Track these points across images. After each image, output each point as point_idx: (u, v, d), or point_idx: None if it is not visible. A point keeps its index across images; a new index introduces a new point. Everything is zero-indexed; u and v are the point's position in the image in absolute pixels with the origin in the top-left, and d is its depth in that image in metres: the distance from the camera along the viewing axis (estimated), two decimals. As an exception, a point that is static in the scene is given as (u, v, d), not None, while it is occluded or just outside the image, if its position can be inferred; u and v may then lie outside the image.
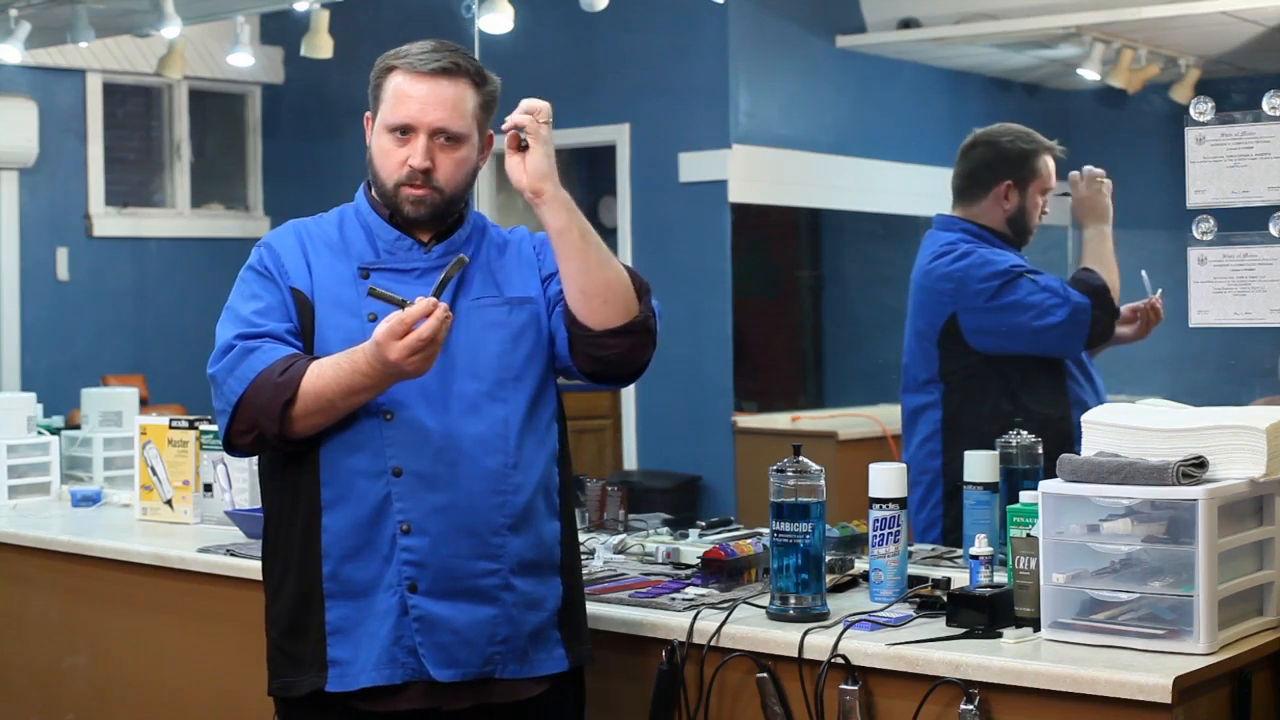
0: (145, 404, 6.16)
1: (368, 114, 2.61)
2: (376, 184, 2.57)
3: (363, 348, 2.39)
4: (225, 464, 3.83)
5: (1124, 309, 3.86)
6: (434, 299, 2.35)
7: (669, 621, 2.70)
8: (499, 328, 2.54)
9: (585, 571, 2.88)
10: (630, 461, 6.97)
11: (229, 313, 2.57)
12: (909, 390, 3.82)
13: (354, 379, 2.41)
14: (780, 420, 6.98)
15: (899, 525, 2.73)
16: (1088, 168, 3.82)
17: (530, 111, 2.48)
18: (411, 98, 2.51)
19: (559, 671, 2.56)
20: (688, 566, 3.09)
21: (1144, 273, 3.86)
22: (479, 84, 2.56)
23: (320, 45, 5.94)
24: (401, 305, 2.35)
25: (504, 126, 2.50)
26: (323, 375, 2.43)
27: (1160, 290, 3.82)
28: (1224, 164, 2.82)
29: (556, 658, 2.55)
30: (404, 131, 2.51)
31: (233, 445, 2.53)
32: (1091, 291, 3.63)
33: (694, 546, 3.14)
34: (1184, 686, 2.21)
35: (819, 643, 2.50)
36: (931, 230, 3.83)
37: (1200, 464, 2.39)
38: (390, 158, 2.53)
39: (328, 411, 2.44)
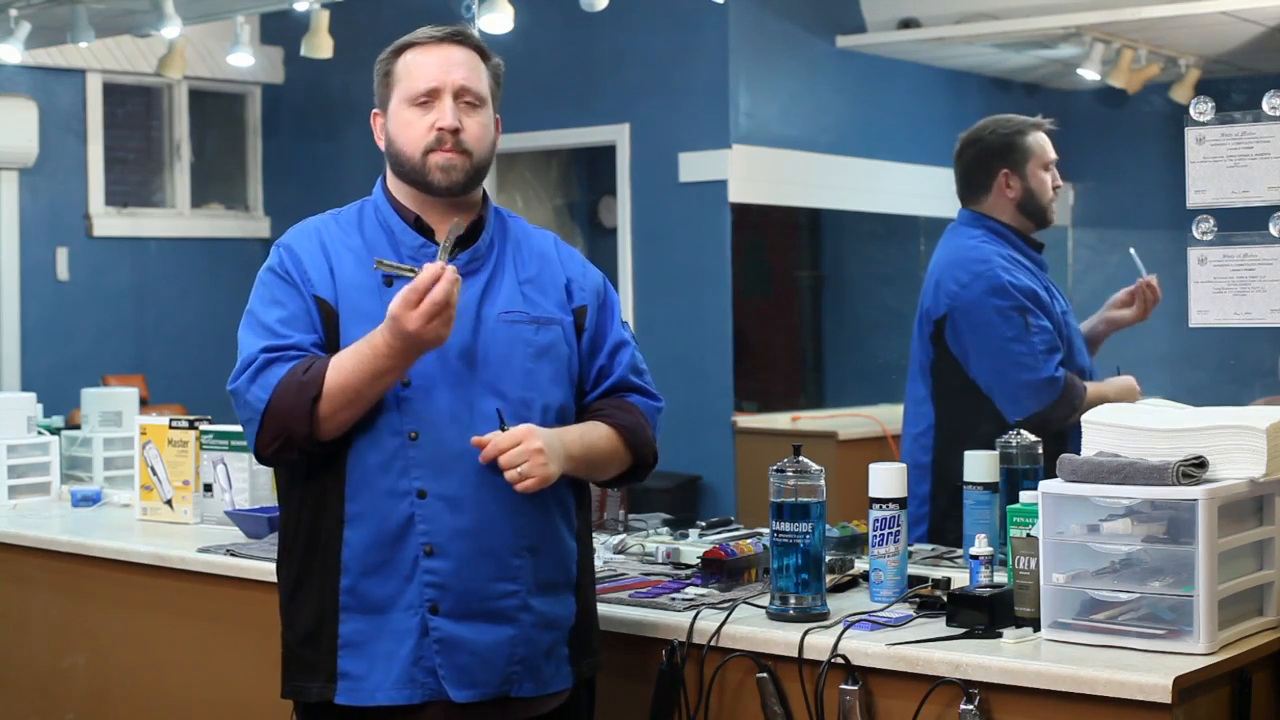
0: (145, 404, 6.17)
1: (375, 111, 2.60)
2: (401, 164, 2.54)
3: (379, 330, 2.39)
4: (225, 464, 3.83)
5: (1120, 293, 3.87)
6: (441, 264, 2.35)
7: (669, 621, 2.70)
8: (525, 345, 2.53)
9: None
10: (630, 461, 6.96)
11: (250, 318, 2.54)
12: (912, 379, 3.83)
13: (376, 362, 2.40)
14: (780, 420, 6.98)
15: (899, 525, 2.73)
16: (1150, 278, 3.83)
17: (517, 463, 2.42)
18: (429, 63, 2.52)
19: (566, 688, 2.57)
20: (688, 566, 3.09)
21: (1133, 250, 3.85)
22: (485, 57, 2.58)
23: (320, 45, 5.94)
24: (412, 274, 2.36)
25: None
26: (344, 367, 2.41)
27: (1155, 275, 3.82)
28: (1224, 164, 2.82)
29: (564, 675, 2.55)
30: (427, 98, 2.51)
31: (262, 455, 2.51)
32: (1071, 387, 3.59)
33: (694, 546, 3.14)
34: (1184, 686, 2.21)
35: (819, 643, 2.50)
36: (955, 224, 3.83)
37: (1200, 464, 2.39)
38: (414, 128, 2.52)
39: (355, 403, 2.42)
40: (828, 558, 2.78)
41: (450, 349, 2.43)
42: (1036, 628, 2.46)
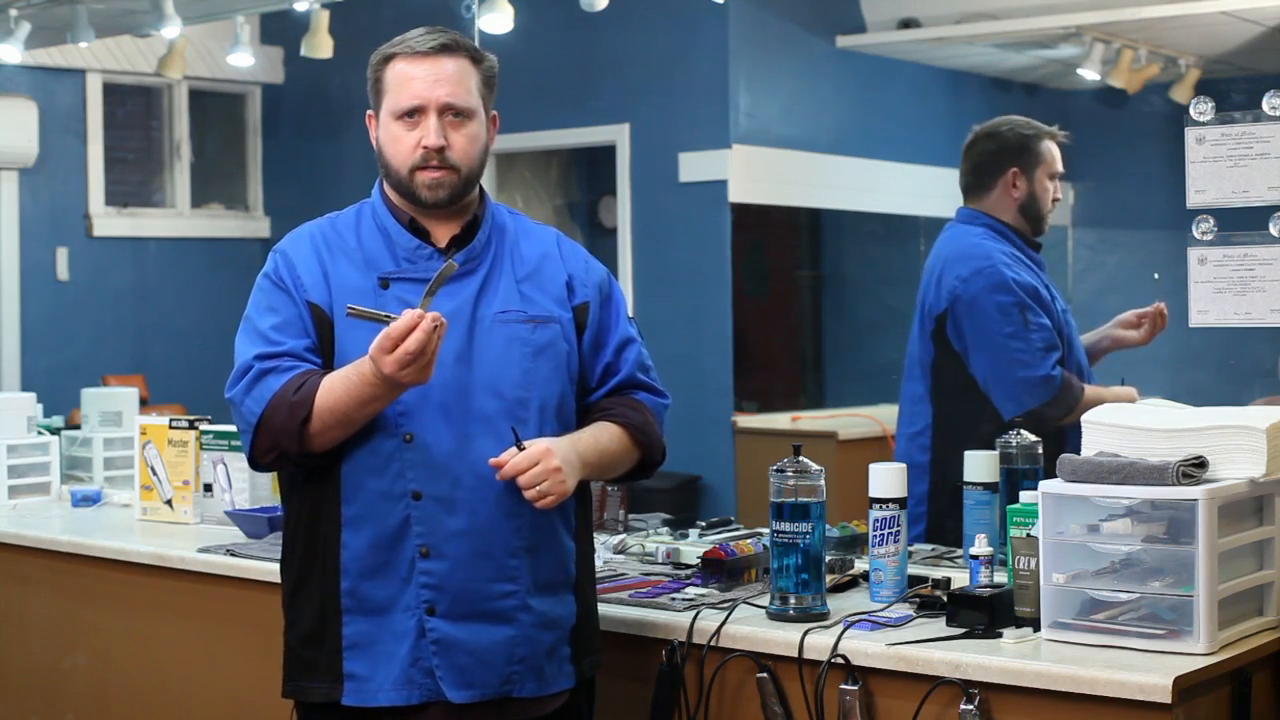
0: (145, 404, 6.16)
1: (369, 112, 2.60)
2: (390, 175, 2.54)
3: (366, 359, 2.38)
4: (225, 464, 3.83)
5: (1130, 313, 3.86)
6: (420, 311, 2.33)
7: (669, 621, 2.70)
8: (522, 344, 2.52)
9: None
10: (630, 461, 6.96)
11: (247, 324, 2.56)
12: (910, 379, 3.83)
13: (363, 390, 2.40)
14: (780, 420, 6.98)
15: (899, 525, 2.73)
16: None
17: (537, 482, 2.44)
18: (415, 78, 2.50)
19: (568, 687, 2.57)
20: (688, 566, 3.09)
21: (1157, 275, 3.87)
22: (477, 61, 2.56)
23: (320, 45, 5.95)
24: (386, 321, 2.34)
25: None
26: (334, 390, 2.42)
27: (1164, 303, 3.82)
28: (1224, 164, 2.82)
29: (566, 674, 2.56)
30: (413, 114, 2.50)
31: (258, 464, 2.53)
32: (1068, 387, 3.59)
33: (694, 546, 3.15)
34: (1184, 686, 2.21)
35: (819, 643, 2.50)
36: (953, 223, 3.82)
37: (1200, 464, 2.39)
38: (401, 144, 2.51)
39: (345, 425, 2.44)
40: (828, 558, 2.78)
41: (446, 350, 2.42)
42: (1036, 628, 2.46)
